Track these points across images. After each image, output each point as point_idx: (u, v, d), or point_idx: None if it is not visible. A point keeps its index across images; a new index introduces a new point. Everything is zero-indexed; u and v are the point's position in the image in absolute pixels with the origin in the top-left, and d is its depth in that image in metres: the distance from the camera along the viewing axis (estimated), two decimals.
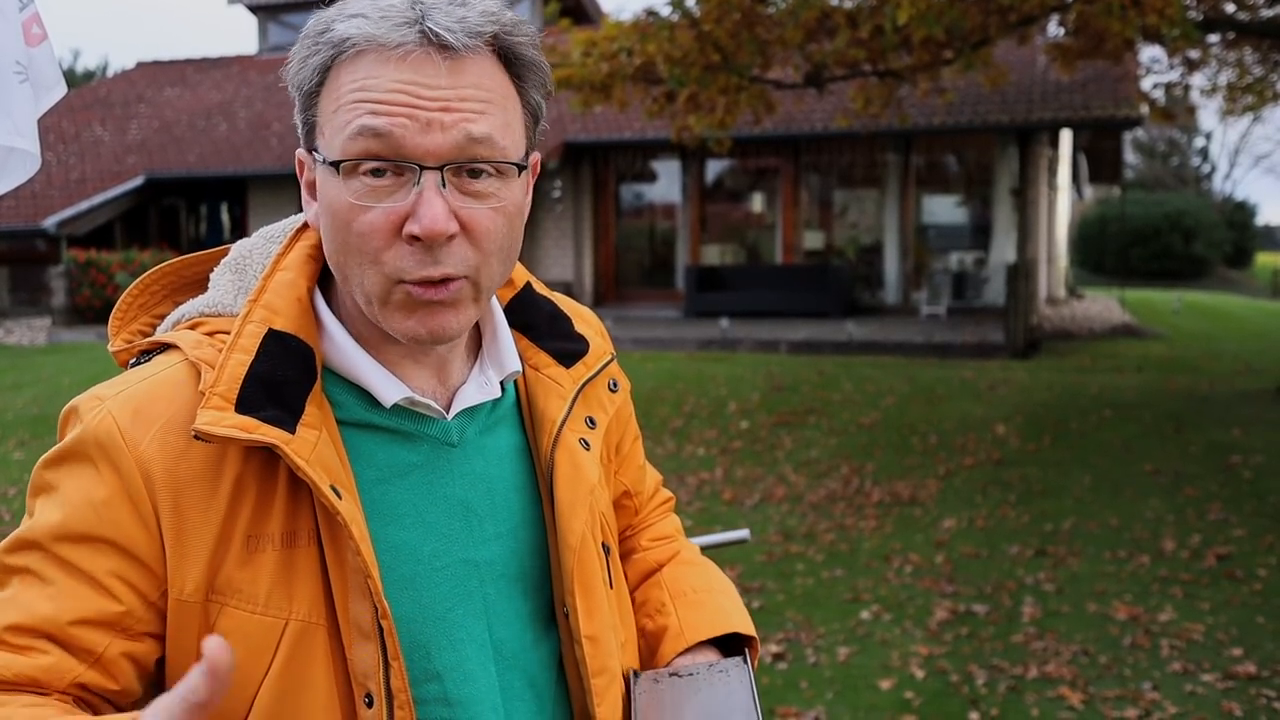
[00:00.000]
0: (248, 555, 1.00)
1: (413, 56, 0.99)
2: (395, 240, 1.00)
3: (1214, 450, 8.34)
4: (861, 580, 5.74)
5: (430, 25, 0.99)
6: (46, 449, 1.05)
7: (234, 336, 1.03)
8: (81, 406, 1.03)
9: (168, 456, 0.99)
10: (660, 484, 1.47)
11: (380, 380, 1.08)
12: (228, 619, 1.00)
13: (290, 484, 1.02)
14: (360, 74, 1.00)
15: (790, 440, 9.20)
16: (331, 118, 1.02)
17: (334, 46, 1.01)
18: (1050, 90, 15.96)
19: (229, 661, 0.75)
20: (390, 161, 0.99)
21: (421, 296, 1.02)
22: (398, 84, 0.99)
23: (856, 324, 15.52)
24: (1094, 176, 25.66)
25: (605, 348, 1.28)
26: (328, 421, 1.04)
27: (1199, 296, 26.85)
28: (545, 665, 1.17)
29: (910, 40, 9.09)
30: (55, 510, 1.00)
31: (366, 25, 0.99)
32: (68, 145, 21.59)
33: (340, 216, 1.02)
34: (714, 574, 1.41)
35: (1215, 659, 4.61)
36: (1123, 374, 12.47)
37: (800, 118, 16.16)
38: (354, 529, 0.99)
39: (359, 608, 1.01)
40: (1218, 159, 66.02)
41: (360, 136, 0.99)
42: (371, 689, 1.01)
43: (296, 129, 1.09)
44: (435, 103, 0.99)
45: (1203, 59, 12.33)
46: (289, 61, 1.06)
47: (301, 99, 1.06)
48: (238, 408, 0.98)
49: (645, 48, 9.24)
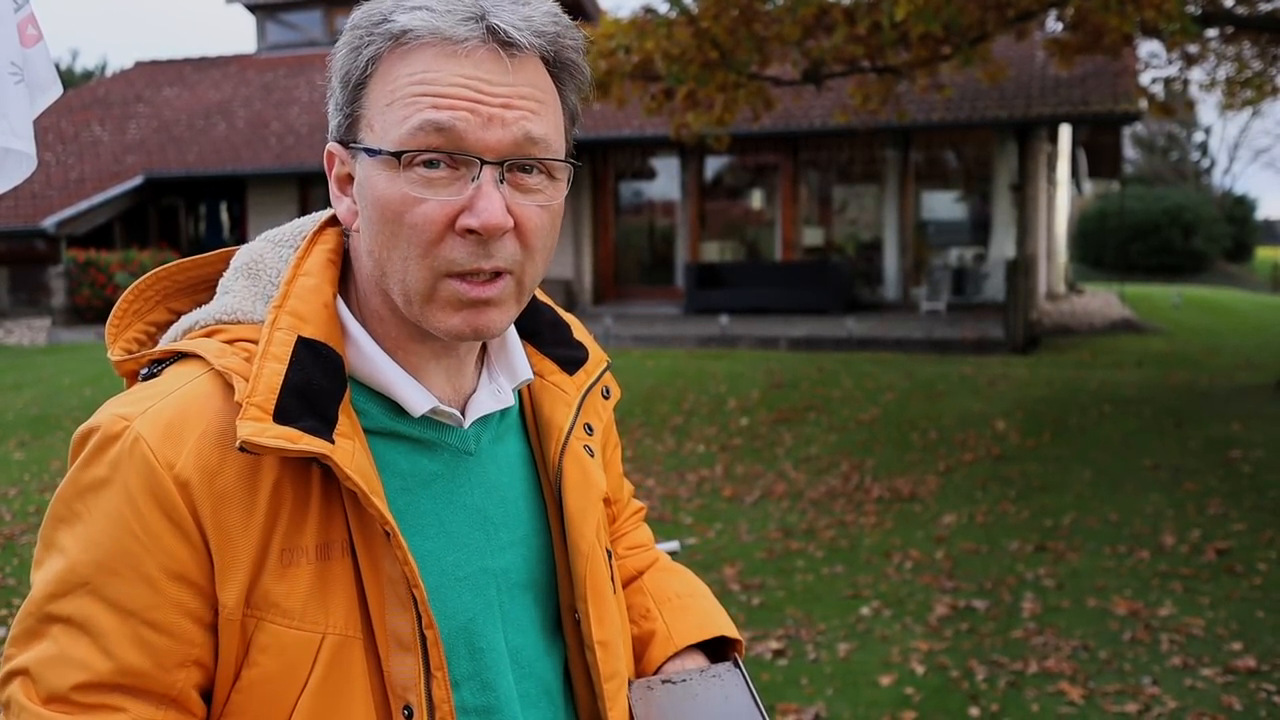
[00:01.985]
0: (283, 569, 0.98)
1: (478, 52, 0.99)
2: (448, 233, 1.00)
3: (1214, 445, 8.34)
4: (862, 576, 5.75)
5: (496, 21, 0.99)
6: (46, 449, 1.03)
7: (264, 344, 1.00)
8: (105, 427, 0.98)
9: (205, 472, 0.96)
10: (632, 494, 1.47)
11: (408, 389, 1.07)
12: (264, 634, 0.98)
13: (323, 495, 1.01)
14: (420, 67, 0.99)
15: (790, 437, 9.20)
16: (385, 111, 1.00)
17: (392, 38, 1.00)
18: (1049, 85, 15.95)
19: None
20: (449, 154, 0.99)
21: (469, 294, 1.01)
22: (461, 78, 0.98)
23: (856, 320, 15.51)
24: (1093, 172, 25.67)
25: (602, 355, 1.28)
26: (358, 431, 1.02)
27: (1199, 291, 26.84)
28: (557, 672, 1.18)
29: (908, 36, 9.09)
30: (92, 545, 0.95)
31: (431, 18, 0.99)
32: (67, 145, 21.59)
33: (392, 208, 1.00)
34: (694, 580, 1.42)
35: (1215, 653, 4.62)
36: (1122, 369, 12.47)
37: (799, 114, 16.15)
38: (401, 539, 0.99)
39: (397, 619, 1.00)
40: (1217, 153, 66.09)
41: (422, 130, 0.98)
42: (411, 700, 1.01)
43: (332, 122, 1.06)
44: (497, 99, 0.99)
45: (1201, 53, 12.32)
46: (334, 52, 1.05)
47: (347, 90, 1.04)
48: (276, 418, 0.96)
49: (643, 45, 9.24)
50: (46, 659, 0.94)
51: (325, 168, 1.10)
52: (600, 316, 16.58)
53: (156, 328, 1.14)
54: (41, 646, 0.95)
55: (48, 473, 8.15)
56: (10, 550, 6.41)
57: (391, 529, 0.98)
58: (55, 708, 0.93)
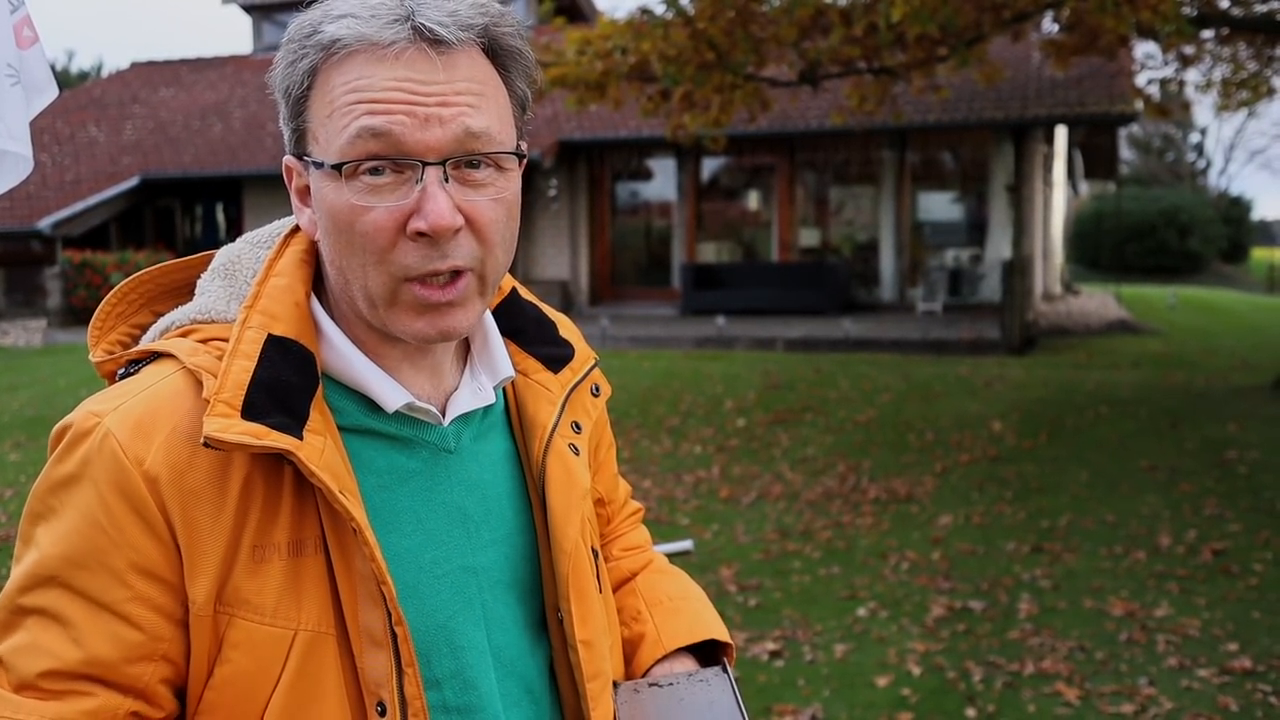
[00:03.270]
0: (255, 565, 0.99)
1: (407, 54, 0.98)
2: (400, 238, 1.00)
3: (1210, 446, 8.35)
4: (858, 577, 5.75)
5: (422, 21, 0.98)
6: (42, 451, 1.03)
7: (234, 342, 1.01)
8: (77, 424, 1.00)
9: (174, 469, 0.97)
10: (630, 495, 1.47)
11: (382, 385, 1.07)
12: (236, 631, 0.98)
13: (295, 492, 1.01)
14: (353, 75, 0.99)
15: (787, 438, 9.21)
16: (326, 122, 1.00)
17: (323, 49, 1.00)
18: (1045, 86, 15.97)
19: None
20: (390, 160, 0.99)
21: (430, 299, 1.02)
22: (393, 81, 0.98)
23: (853, 321, 15.53)
24: (1089, 172, 25.69)
25: (589, 353, 1.28)
26: (330, 428, 1.02)
27: (1195, 292, 26.88)
28: (540, 671, 1.17)
29: (905, 37, 9.10)
30: (62, 539, 0.97)
31: (357, 25, 0.98)
32: (62, 146, 21.57)
33: (342, 219, 1.00)
34: (688, 583, 1.41)
35: (1211, 654, 4.62)
36: (1119, 370, 12.49)
37: (795, 115, 16.16)
38: (368, 536, 0.99)
39: (369, 615, 1.01)
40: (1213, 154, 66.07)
41: (360, 138, 0.98)
42: (384, 697, 1.01)
43: (284, 135, 1.07)
44: (432, 98, 0.99)
45: (1197, 54, 12.34)
46: (274, 67, 1.05)
47: (290, 105, 1.04)
48: (244, 414, 0.96)
49: (640, 46, 9.25)
50: (20, 647, 0.96)
51: (285, 181, 1.10)
52: (597, 317, 16.58)
53: (141, 330, 1.15)
54: (16, 637, 0.97)
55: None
56: (6, 551, 6.40)
57: (358, 525, 0.98)
58: (27, 694, 0.95)
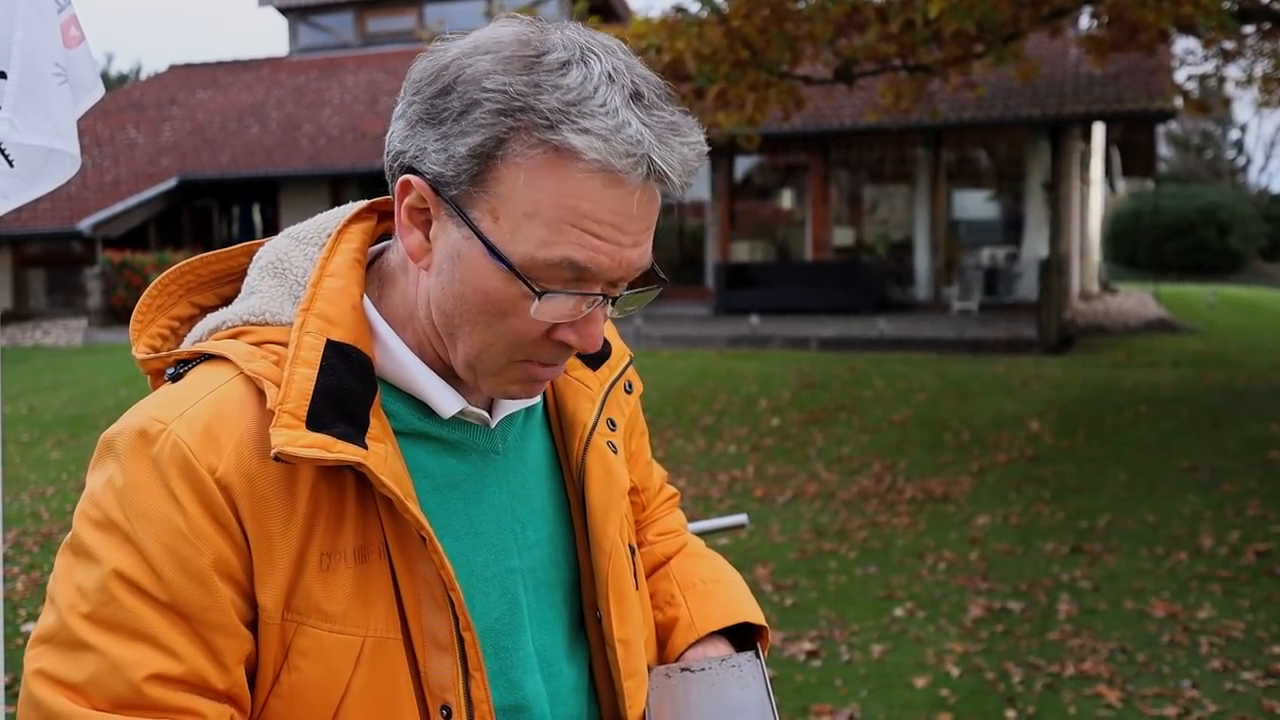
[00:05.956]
0: (324, 573, 0.98)
1: (635, 194, 0.96)
2: (542, 337, 1.01)
3: (1251, 445, 8.23)
4: (895, 577, 5.71)
5: (660, 166, 0.95)
6: (83, 449, 1.01)
7: (294, 349, 0.99)
8: (140, 429, 0.97)
9: (245, 477, 0.96)
10: (666, 480, 1.46)
11: (439, 392, 1.07)
12: (304, 638, 0.98)
13: (358, 498, 1.00)
14: (573, 192, 0.94)
15: (822, 437, 9.17)
16: (522, 220, 0.95)
17: (553, 149, 0.94)
18: (1083, 83, 15.81)
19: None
20: (577, 291, 0.98)
21: (540, 376, 1.05)
22: (609, 215, 0.96)
23: (887, 320, 15.44)
24: (1127, 170, 25.42)
25: (625, 349, 1.27)
26: (388, 434, 1.01)
27: (1234, 290, 26.50)
28: (581, 670, 1.17)
29: (941, 34, 9.03)
30: (137, 548, 0.94)
31: (604, 149, 0.93)
32: (102, 148, 21.83)
33: (495, 306, 0.99)
34: (722, 566, 1.40)
35: (1255, 656, 4.56)
36: (1158, 369, 12.34)
37: (830, 113, 16.09)
38: (438, 545, 0.99)
39: (433, 619, 1.01)
40: (1253, 151, 65.24)
41: (559, 266, 0.96)
42: (450, 700, 1.01)
43: (416, 147, 0.98)
44: (632, 236, 0.98)
45: (1238, 50, 12.17)
46: (443, 71, 0.98)
47: (471, 155, 0.96)
48: (309, 424, 0.95)
49: (674, 45, 9.22)
50: (103, 670, 0.92)
51: (393, 191, 1.02)
52: (630, 316, 16.56)
53: (180, 322, 1.13)
54: (91, 659, 0.92)
55: (85, 472, 8.19)
56: (48, 549, 6.48)
57: (428, 534, 0.98)
58: (126, 713, 0.92)
